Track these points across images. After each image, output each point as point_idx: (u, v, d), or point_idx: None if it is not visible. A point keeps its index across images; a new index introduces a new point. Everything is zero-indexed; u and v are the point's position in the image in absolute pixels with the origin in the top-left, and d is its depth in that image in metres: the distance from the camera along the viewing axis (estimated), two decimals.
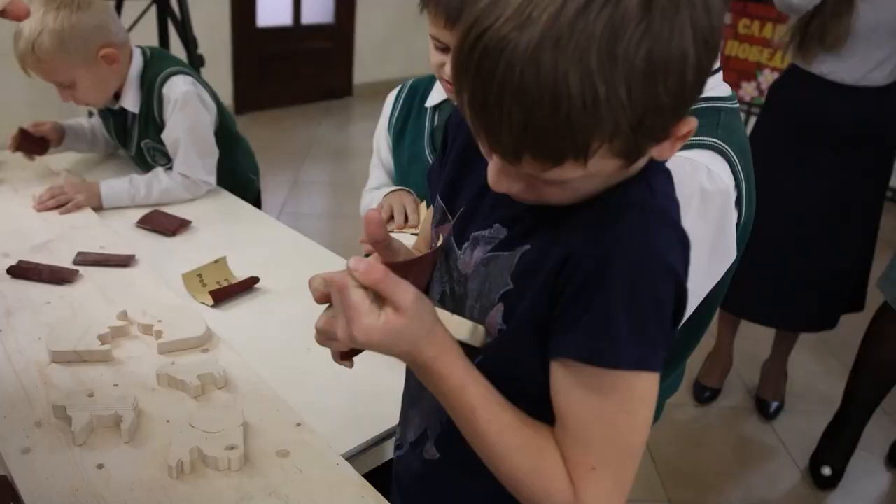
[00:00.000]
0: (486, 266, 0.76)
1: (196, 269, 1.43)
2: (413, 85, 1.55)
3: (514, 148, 0.59)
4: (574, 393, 0.68)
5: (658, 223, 0.67)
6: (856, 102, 2.21)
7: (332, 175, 4.61)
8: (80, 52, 1.64)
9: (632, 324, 0.64)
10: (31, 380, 1.11)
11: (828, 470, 2.29)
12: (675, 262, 0.66)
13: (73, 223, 1.62)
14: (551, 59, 0.54)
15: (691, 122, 0.63)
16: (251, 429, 1.02)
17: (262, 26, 5.42)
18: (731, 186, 0.98)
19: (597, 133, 0.57)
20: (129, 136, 1.87)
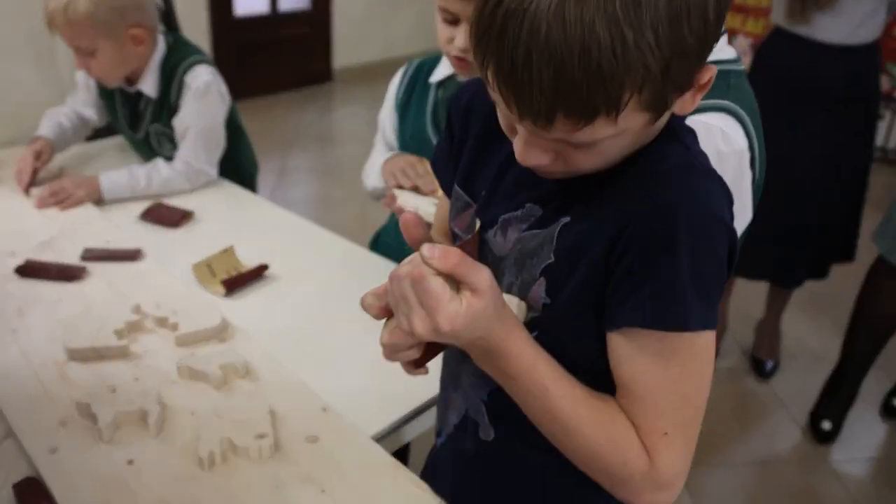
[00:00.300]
0: (523, 244, 0.76)
1: (205, 260, 1.43)
2: (419, 64, 1.55)
3: (547, 109, 0.59)
4: (639, 360, 0.69)
5: (706, 180, 0.69)
6: (846, 62, 2.24)
7: (319, 161, 4.59)
8: (111, 24, 1.64)
9: (696, 284, 0.65)
10: (51, 378, 1.11)
11: (827, 424, 2.33)
12: (726, 215, 0.68)
13: (76, 219, 1.61)
14: (576, 12, 0.55)
15: (711, 70, 0.64)
16: (278, 416, 1.02)
17: (239, 15, 5.34)
18: (745, 147, 1.00)
19: (628, 81, 0.57)
20: (141, 119, 1.85)
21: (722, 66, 1.06)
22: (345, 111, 5.55)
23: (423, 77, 1.52)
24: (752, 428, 2.40)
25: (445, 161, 0.91)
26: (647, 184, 0.67)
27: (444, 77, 1.47)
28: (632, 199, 0.67)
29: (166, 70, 1.78)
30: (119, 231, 1.57)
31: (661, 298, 0.66)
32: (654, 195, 0.66)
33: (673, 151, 0.70)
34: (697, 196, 0.66)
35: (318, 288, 1.42)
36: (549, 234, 0.73)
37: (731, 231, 0.68)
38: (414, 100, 1.52)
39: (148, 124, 1.84)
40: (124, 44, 1.68)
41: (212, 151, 1.81)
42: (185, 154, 1.77)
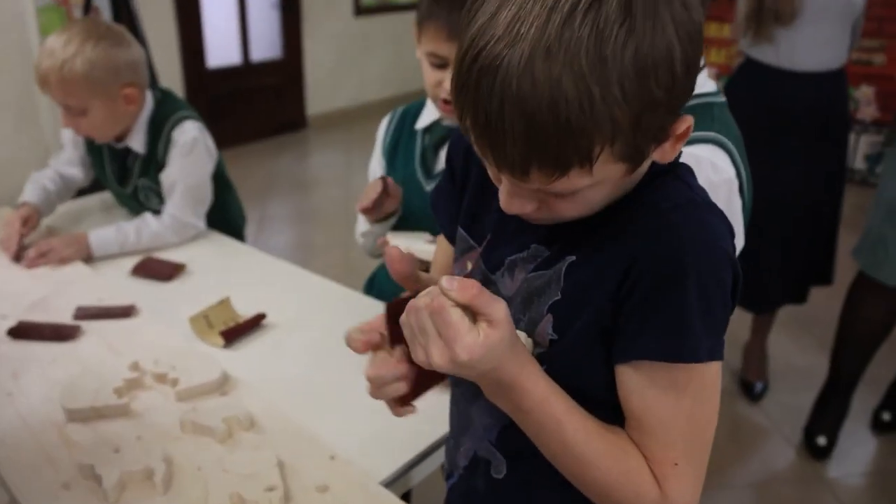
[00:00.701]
0: (529, 283, 0.77)
1: (201, 312, 1.42)
2: (404, 110, 1.57)
3: (520, 160, 0.61)
4: (650, 393, 0.70)
5: (709, 214, 0.71)
6: (815, 89, 2.31)
7: (297, 207, 4.61)
8: (105, 84, 1.65)
9: (704, 317, 0.67)
10: (51, 441, 1.10)
11: (822, 440, 2.35)
12: (730, 248, 0.70)
13: (67, 278, 1.60)
14: (544, 68, 0.57)
15: (688, 120, 0.66)
16: (286, 467, 1.02)
17: (212, 67, 5.40)
18: (733, 175, 1.04)
19: (597, 135, 0.59)
20: (129, 174, 1.86)
21: (705, 99, 1.10)
22: (320, 157, 5.58)
23: (409, 123, 1.55)
24: (747, 449, 2.41)
25: (446, 203, 0.92)
26: (653, 221, 0.69)
27: (429, 123, 1.49)
28: (639, 235, 0.69)
29: (154, 126, 1.79)
30: (111, 287, 1.56)
31: (671, 331, 0.68)
32: (660, 231, 0.68)
33: (675, 189, 0.72)
34: (702, 230, 0.68)
35: (316, 334, 1.42)
36: (556, 273, 0.75)
37: (734, 263, 0.70)
38: (401, 146, 1.54)
39: (136, 179, 1.85)
40: (117, 104, 1.70)
41: (199, 205, 1.82)
42: (173, 208, 1.77)
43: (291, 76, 5.98)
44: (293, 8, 5.80)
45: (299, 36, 5.92)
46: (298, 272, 1.69)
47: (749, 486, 2.26)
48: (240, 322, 1.41)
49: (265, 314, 1.44)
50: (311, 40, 5.97)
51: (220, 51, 5.45)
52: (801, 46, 2.27)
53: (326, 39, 6.07)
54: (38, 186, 1.88)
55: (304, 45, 5.95)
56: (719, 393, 0.73)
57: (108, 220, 1.87)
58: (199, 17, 5.21)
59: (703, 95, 1.10)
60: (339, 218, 4.31)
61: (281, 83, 5.92)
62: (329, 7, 6.02)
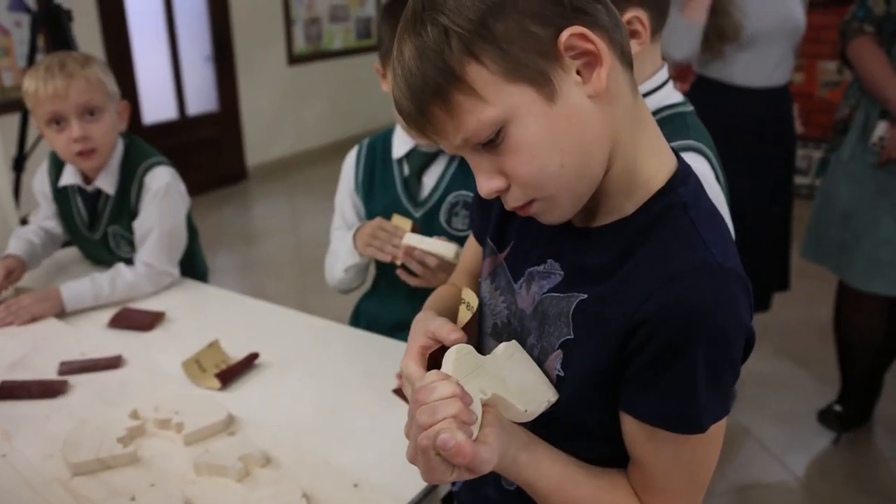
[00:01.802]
0: (543, 307, 0.79)
1: (192, 357, 1.40)
2: (370, 143, 1.60)
3: (410, 105, 0.70)
4: (650, 446, 0.74)
5: (728, 283, 0.69)
6: (766, 104, 2.44)
7: (247, 258, 4.56)
8: (111, 92, 1.73)
9: (711, 386, 0.69)
10: (59, 498, 1.06)
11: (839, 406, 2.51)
12: (746, 317, 0.70)
13: (44, 334, 1.56)
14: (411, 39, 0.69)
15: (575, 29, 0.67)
16: (312, 499, 1.01)
17: (148, 123, 5.33)
18: (713, 180, 1.08)
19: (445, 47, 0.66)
20: (99, 219, 1.82)
21: (676, 110, 1.16)
22: (264, 207, 5.55)
23: (381, 154, 1.57)
24: (724, 457, 2.46)
25: (479, 204, 0.96)
26: (665, 288, 0.68)
27: (406, 151, 1.51)
28: (651, 299, 0.68)
29: (125, 170, 1.78)
30: (91, 341, 1.52)
31: (675, 401, 0.70)
32: (672, 299, 0.68)
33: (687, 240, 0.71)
34: (723, 303, 0.68)
35: (311, 369, 1.41)
36: (567, 308, 0.76)
37: (749, 331, 0.71)
38: (377, 177, 1.56)
39: (106, 224, 1.82)
40: (116, 117, 1.74)
41: (173, 252, 1.80)
42: (147, 257, 1.74)
43: (229, 128, 5.94)
44: (227, 59, 5.80)
45: (235, 87, 5.90)
46: (282, 311, 1.68)
47: (729, 493, 2.31)
48: (232, 364, 1.40)
49: (258, 353, 1.42)
50: (246, 91, 5.96)
51: (155, 107, 5.38)
52: (753, 65, 2.40)
53: (262, 89, 6.07)
54: (22, 240, 1.84)
55: (240, 96, 5.94)
56: (718, 442, 0.75)
57: (79, 273, 1.83)
58: (133, 74, 5.15)
59: (673, 106, 1.16)
60: (291, 266, 4.28)
61: (219, 136, 5.88)
62: (262, 57, 6.03)
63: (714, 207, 0.76)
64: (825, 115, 4.79)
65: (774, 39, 2.36)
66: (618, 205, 0.74)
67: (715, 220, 0.74)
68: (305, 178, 6.06)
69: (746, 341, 0.71)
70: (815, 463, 2.42)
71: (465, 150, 0.72)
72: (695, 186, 0.76)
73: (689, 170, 0.77)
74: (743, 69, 2.41)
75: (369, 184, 1.57)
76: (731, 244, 0.74)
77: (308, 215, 5.14)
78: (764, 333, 3.07)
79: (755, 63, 2.40)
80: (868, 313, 2.36)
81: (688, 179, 0.75)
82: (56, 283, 1.72)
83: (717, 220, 0.75)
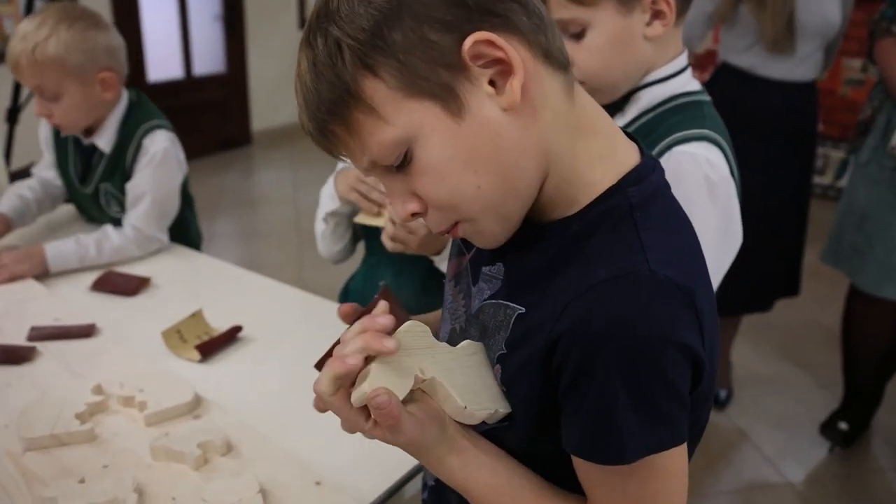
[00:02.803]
0: (483, 315, 0.72)
1: (174, 326, 1.35)
2: None
3: (310, 122, 0.66)
4: (594, 476, 0.66)
5: (655, 292, 0.60)
6: (785, 97, 2.35)
7: (246, 225, 4.51)
8: (81, 67, 1.58)
9: (636, 410, 0.60)
10: (8, 473, 1.01)
11: (844, 425, 2.42)
12: (680, 332, 0.60)
13: (20, 296, 1.50)
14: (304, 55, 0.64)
15: (483, 35, 0.59)
16: (269, 495, 0.96)
17: (153, 81, 5.26)
18: (728, 173, 1.03)
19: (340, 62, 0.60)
20: (92, 174, 1.77)
21: (693, 97, 1.10)
22: (266, 174, 5.48)
23: None
24: (717, 457, 2.42)
25: None
26: (584, 296, 0.61)
27: None
28: (567, 310, 0.62)
29: (125, 128, 1.72)
30: (70, 305, 1.47)
31: (590, 427, 0.62)
32: (587, 310, 0.60)
33: (622, 246, 0.63)
34: (643, 314, 0.60)
35: (294, 347, 1.36)
36: (506, 321, 0.69)
37: (681, 344, 0.60)
38: None
39: (98, 181, 1.76)
40: (92, 88, 1.63)
41: (163, 219, 1.75)
42: (137, 220, 1.69)
43: (236, 91, 5.87)
44: (237, 20, 5.70)
45: (243, 49, 5.81)
46: (271, 283, 1.63)
47: (721, 495, 2.26)
48: (214, 335, 1.35)
49: (241, 327, 1.37)
50: (255, 54, 5.88)
51: (161, 64, 5.31)
52: (778, 59, 2.31)
53: (271, 53, 5.98)
54: (13, 196, 1.79)
55: (248, 58, 5.85)
56: (683, 475, 0.66)
57: (65, 234, 1.77)
58: (139, 30, 5.07)
59: (690, 94, 1.11)
60: (290, 237, 4.22)
61: (225, 98, 5.80)
62: (273, 20, 5.93)
63: (677, 208, 0.68)
64: (846, 114, 4.68)
65: (801, 34, 2.25)
66: (561, 210, 0.67)
67: (670, 221, 0.67)
68: (310, 146, 5.83)
69: (693, 364, 0.61)
70: (809, 469, 2.38)
71: (376, 172, 0.66)
72: (655, 185, 0.67)
73: (652, 166, 0.68)
74: (764, 59, 2.32)
75: None
76: (688, 250, 0.66)
77: (310, 184, 5.00)
78: (767, 334, 3.02)
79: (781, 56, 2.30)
80: (878, 318, 2.30)
81: (645, 178, 0.66)
82: (47, 241, 1.66)
83: (673, 221, 0.67)
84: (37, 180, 1.87)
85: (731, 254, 1.06)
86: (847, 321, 2.41)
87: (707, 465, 2.37)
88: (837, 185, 4.44)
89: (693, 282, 0.62)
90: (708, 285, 0.66)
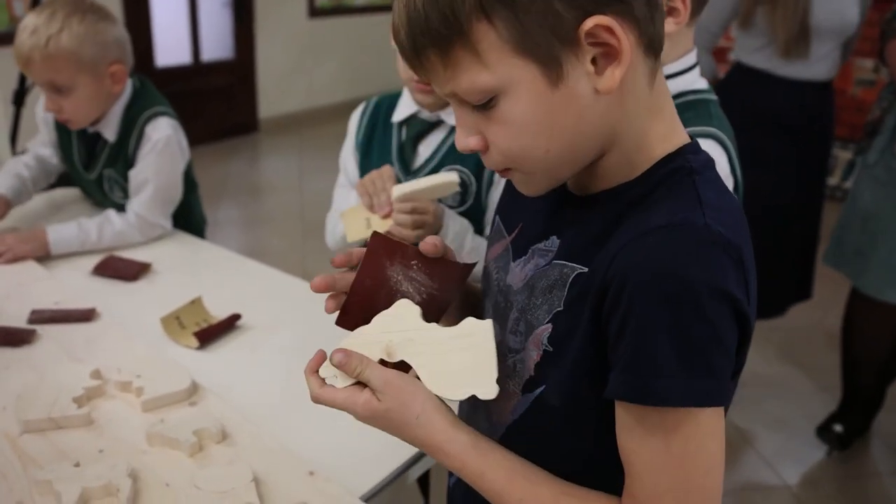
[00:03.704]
0: (534, 280, 0.73)
1: (173, 312, 1.36)
2: (378, 102, 1.53)
3: (409, 42, 0.64)
4: (636, 433, 0.64)
5: (707, 243, 0.61)
6: (801, 97, 2.33)
7: (250, 212, 4.51)
8: (93, 59, 1.59)
9: (680, 355, 0.60)
10: (4, 454, 1.01)
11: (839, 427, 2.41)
12: (728, 283, 0.60)
13: (20, 279, 1.51)
14: None
15: (601, 20, 0.60)
16: (262, 484, 0.96)
17: (161, 66, 5.24)
18: (728, 173, 1.04)
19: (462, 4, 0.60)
20: (96, 161, 1.77)
21: (701, 96, 1.10)
22: (272, 161, 5.47)
23: (384, 116, 1.50)
24: None
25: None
26: (638, 241, 0.63)
27: (406, 116, 1.45)
28: (621, 255, 0.63)
29: (128, 116, 1.72)
30: (70, 289, 1.48)
31: (636, 370, 0.62)
32: (639, 254, 0.62)
33: (680, 199, 0.65)
34: (693, 262, 0.60)
35: (294, 336, 1.36)
36: (562, 280, 0.70)
37: (732, 299, 0.61)
38: (376, 138, 1.50)
39: (102, 167, 1.77)
40: (103, 81, 1.63)
41: (167, 205, 1.75)
42: (140, 207, 1.69)
43: (243, 78, 5.85)
44: (245, 6, 5.69)
45: (252, 36, 5.80)
46: (272, 273, 1.63)
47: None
48: (213, 323, 1.35)
49: (240, 315, 1.38)
50: (263, 41, 5.86)
51: (169, 50, 5.29)
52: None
53: (279, 40, 5.96)
54: (10, 174, 1.80)
55: (256, 45, 5.84)
56: (722, 442, 0.65)
57: (68, 216, 1.78)
58: (148, 14, 5.06)
59: (698, 92, 1.11)
60: (294, 223, 4.22)
61: (232, 84, 5.79)
62: (282, 7, 5.92)
63: (724, 185, 0.70)
64: (856, 115, 4.65)
65: (817, 34, 2.23)
66: (619, 180, 0.69)
67: (724, 192, 0.68)
68: (316, 134, 5.97)
69: (738, 322, 0.62)
70: (806, 471, 2.37)
71: (453, 100, 0.68)
72: (706, 158, 0.70)
73: (700, 147, 0.71)
74: (779, 59, 2.29)
75: (368, 144, 1.51)
76: (739, 214, 0.67)
77: (316, 173, 5.06)
78: (769, 335, 3.00)
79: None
80: (878, 323, 2.29)
81: (699, 151, 0.70)
82: (50, 222, 1.67)
83: (726, 192, 0.69)
84: (32, 156, 1.86)
85: None
86: (847, 325, 2.40)
87: None
88: (844, 186, 4.42)
89: (743, 243, 0.63)
90: (751, 252, 0.66)
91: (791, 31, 2.19)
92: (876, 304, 2.23)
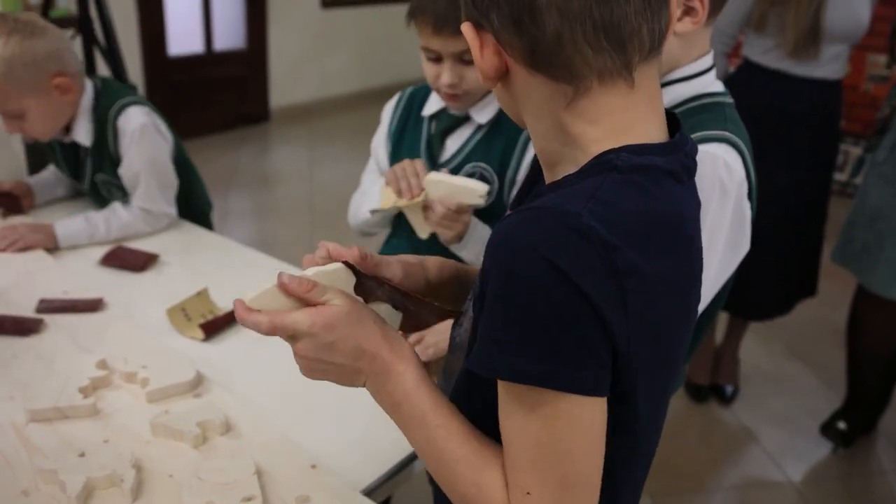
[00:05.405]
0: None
1: (179, 304, 1.37)
2: (412, 93, 1.53)
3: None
4: (504, 406, 0.65)
5: (560, 226, 0.59)
6: (812, 95, 2.31)
7: (259, 202, 4.51)
8: (31, 79, 1.55)
9: (507, 326, 0.60)
10: (10, 443, 1.03)
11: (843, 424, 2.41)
12: (570, 265, 0.57)
13: (29, 268, 1.52)
14: None
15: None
16: (265, 475, 0.97)
17: (173, 55, 5.23)
18: (743, 177, 1.02)
19: None
20: (82, 169, 1.78)
21: (716, 99, 1.09)
22: (283, 151, 5.47)
23: (417, 107, 1.51)
24: (720, 453, 2.42)
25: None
26: (507, 217, 0.64)
27: (436, 110, 1.45)
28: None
29: (97, 116, 1.70)
30: (78, 279, 1.49)
31: (481, 342, 0.63)
32: (499, 228, 0.63)
33: (578, 190, 0.62)
34: (518, 232, 0.60)
35: None
36: None
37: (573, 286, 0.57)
38: (408, 129, 1.50)
39: (91, 174, 1.77)
40: (51, 96, 1.59)
41: (166, 190, 1.75)
42: (142, 200, 1.70)
43: (255, 67, 5.84)
44: None
45: (264, 25, 5.79)
46: (278, 264, 1.63)
47: (722, 490, 2.26)
48: (219, 314, 1.36)
49: None
50: (276, 31, 5.85)
51: (182, 39, 5.28)
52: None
53: (292, 30, 5.94)
54: (48, 171, 1.87)
55: (269, 35, 5.84)
56: (590, 435, 0.63)
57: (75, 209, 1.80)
58: (161, 3, 5.06)
59: (714, 94, 1.10)
60: (303, 214, 4.22)
61: (244, 74, 5.78)
62: None
63: (658, 192, 0.64)
64: (868, 111, 4.61)
65: (828, 36, 2.21)
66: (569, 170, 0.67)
67: (641, 197, 0.62)
68: (327, 125, 5.96)
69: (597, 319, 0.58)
70: (811, 469, 2.37)
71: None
72: (647, 163, 0.64)
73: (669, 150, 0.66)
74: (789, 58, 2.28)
75: (400, 134, 1.52)
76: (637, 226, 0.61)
77: (326, 163, 5.06)
78: (776, 332, 3.00)
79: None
80: (885, 321, 2.28)
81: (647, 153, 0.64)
82: (55, 212, 1.69)
83: (644, 198, 0.63)
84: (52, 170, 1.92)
85: (736, 258, 1.06)
86: (853, 323, 2.39)
87: (710, 460, 2.38)
88: (854, 182, 4.40)
89: (626, 247, 0.59)
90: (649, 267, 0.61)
91: (802, 33, 2.18)
92: (882, 303, 2.22)
